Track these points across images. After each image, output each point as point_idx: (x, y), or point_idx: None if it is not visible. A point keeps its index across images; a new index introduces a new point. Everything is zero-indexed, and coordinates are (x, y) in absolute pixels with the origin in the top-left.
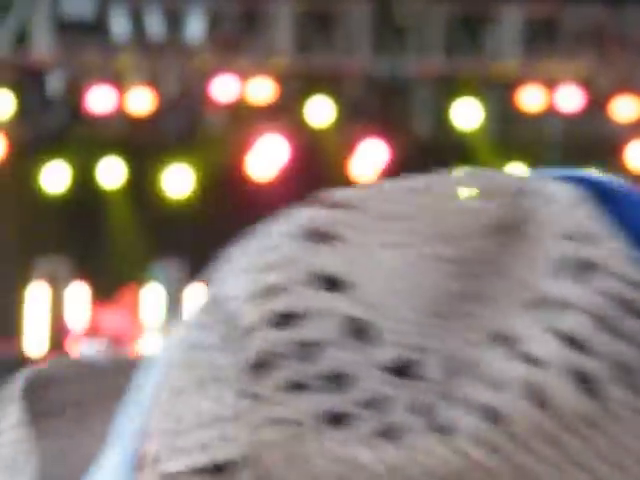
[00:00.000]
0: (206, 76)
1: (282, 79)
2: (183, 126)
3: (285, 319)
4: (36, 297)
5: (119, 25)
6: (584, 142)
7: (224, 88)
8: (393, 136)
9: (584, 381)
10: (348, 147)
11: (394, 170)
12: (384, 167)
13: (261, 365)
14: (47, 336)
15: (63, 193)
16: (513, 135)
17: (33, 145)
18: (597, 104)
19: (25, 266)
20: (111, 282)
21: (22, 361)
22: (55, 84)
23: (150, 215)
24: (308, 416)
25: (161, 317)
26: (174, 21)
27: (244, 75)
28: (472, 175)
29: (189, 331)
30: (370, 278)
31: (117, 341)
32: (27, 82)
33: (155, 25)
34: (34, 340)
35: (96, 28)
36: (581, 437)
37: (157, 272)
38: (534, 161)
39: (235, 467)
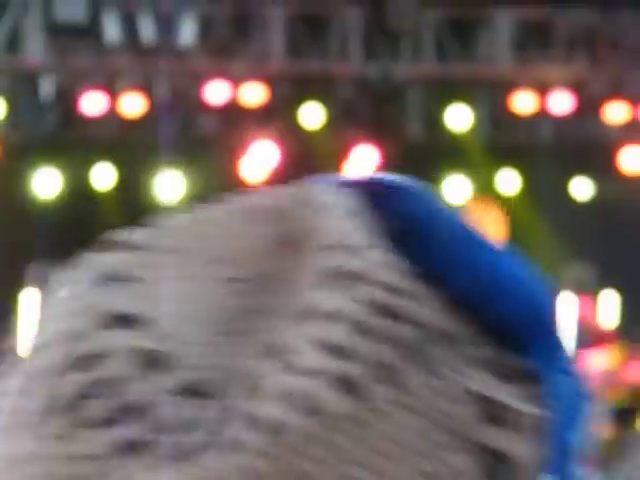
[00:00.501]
0: (198, 80)
1: (274, 83)
2: (175, 130)
3: (87, 361)
4: (28, 303)
5: (111, 29)
6: (576, 145)
7: (216, 92)
8: (385, 140)
9: (349, 385)
10: (340, 151)
11: (387, 174)
12: (376, 171)
13: (67, 406)
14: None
15: (55, 197)
16: (505, 138)
17: (25, 149)
18: (589, 107)
19: (17, 271)
20: None
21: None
22: (47, 88)
23: (141, 220)
24: (108, 448)
25: None
26: (166, 25)
27: (236, 79)
28: (251, 196)
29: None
30: (164, 311)
31: None
32: (19, 86)
33: (147, 29)
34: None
35: (89, 32)
36: (352, 436)
37: None
38: (526, 164)
39: None
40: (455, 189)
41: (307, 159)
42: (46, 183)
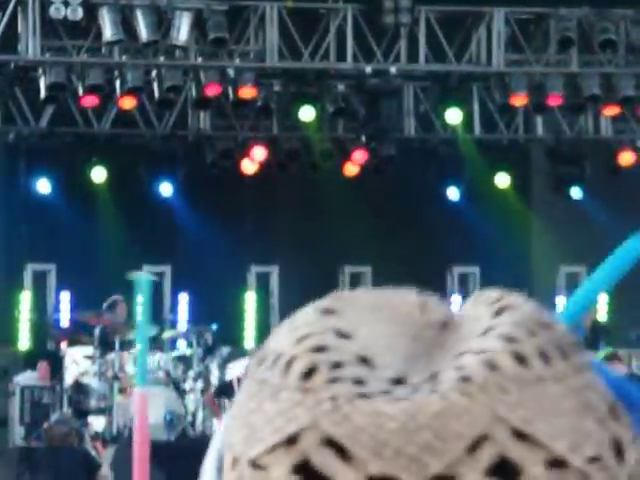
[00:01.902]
0: (193, 76)
1: (269, 81)
2: (171, 126)
3: (317, 350)
4: (24, 301)
5: (107, 26)
6: (569, 144)
7: (211, 89)
8: (380, 138)
9: (518, 358)
10: (335, 149)
11: (382, 171)
12: (371, 168)
13: (305, 375)
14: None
15: (54, 194)
16: (499, 136)
17: (21, 147)
18: (583, 106)
19: (14, 270)
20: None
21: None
22: (43, 85)
23: (137, 216)
24: (342, 394)
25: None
26: (162, 22)
27: (231, 76)
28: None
29: (248, 373)
30: (366, 336)
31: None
32: (15, 83)
33: (143, 26)
34: (23, 342)
35: (84, 29)
36: (517, 387)
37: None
38: (520, 162)
39: (301, 435)
40: (451, 185)
41: (302, 156)
42: (43, 180)
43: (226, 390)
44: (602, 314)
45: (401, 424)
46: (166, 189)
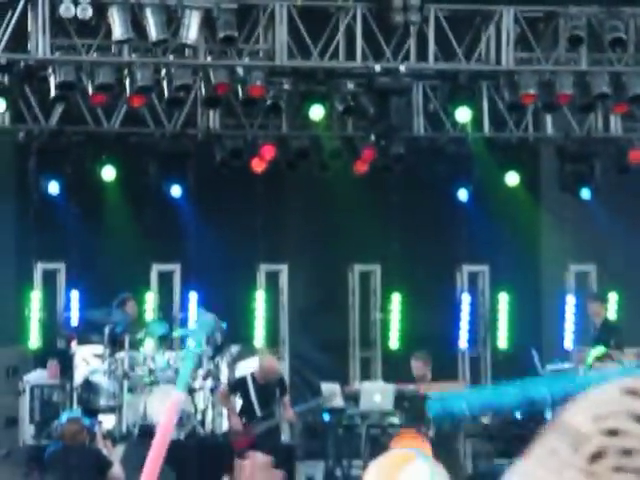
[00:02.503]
0: (203, 75)
1: (278, 79)
2: (180, 125)
3: (612, 433)
4: (34, 300)
5: (117, 25)
6: (579, 142)
7: (220, 87)
8: (390, 136)
9: None
10: (345, 147)
11: (391, 170)
12: (380, 167)
13: (594, 456)
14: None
15: (63, 193)
16: (509, 135)
17: (31, 146)
18: (593, 105)
19: (24, 269)
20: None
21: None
22: (53, 84)
23: (146, 215)
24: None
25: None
26: (171, 21)
27: (240, 75)
28: None
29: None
30: None
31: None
32: (25, 82)
33: (153, 25)
34: (33, 341)
35: (94, 28)
36: None
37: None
38: (529, 161)
39: None
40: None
41: (312, 154)
42: (52, 179)
43: (240, 386)
44: (612, 312)
45: None
46: (175, 188)
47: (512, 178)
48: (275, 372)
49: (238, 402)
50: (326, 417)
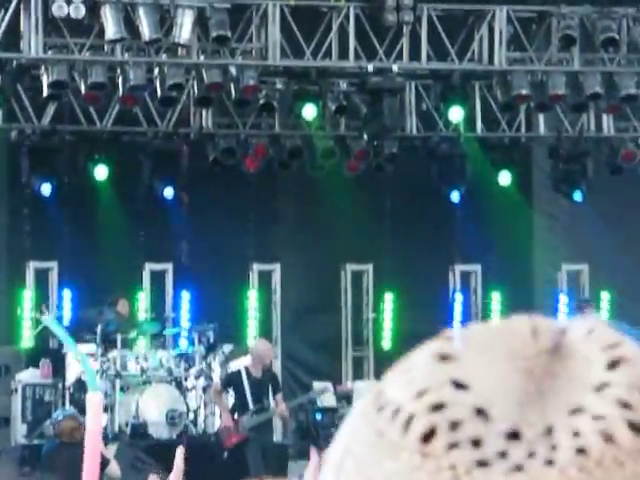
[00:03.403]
0: (195, 74)
1: (271, 79)
2: (173, 124)
3: (437, 408)
4: (26, 299)
5: (110, 24)
6: (571, 142)
7: (213, 86)
8: (382, 136)
9: (634, 428)
10: (337, 147)
11: (383, 169)
12: (373, 166)
13: (425, 437)
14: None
15: (55, 192)
16: (501, 135)
17: (24, 145)
18: (585, 105)
19: (16, 268)
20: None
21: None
22: (46, 83)
23: (139, 214)
24: (461, 463)
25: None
26: (164, 20)
27: (233, 74)
28: (528, 319)
29: (356, 418)
30: (481, 382)
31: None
32: (18, 81)
33: (145, 24)
34: (25, 340)
35: (87, 27)
36: (633, 460)
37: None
38: (521, 160)
39: None
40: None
41: (304, 153)
42: (45, 178)
43: (233, 380)
44: (604, 313)
45: None
46: (168, 187)
47: (504, 178)
48: (270, 355)
49: (230, 400)
50: (319, 416)
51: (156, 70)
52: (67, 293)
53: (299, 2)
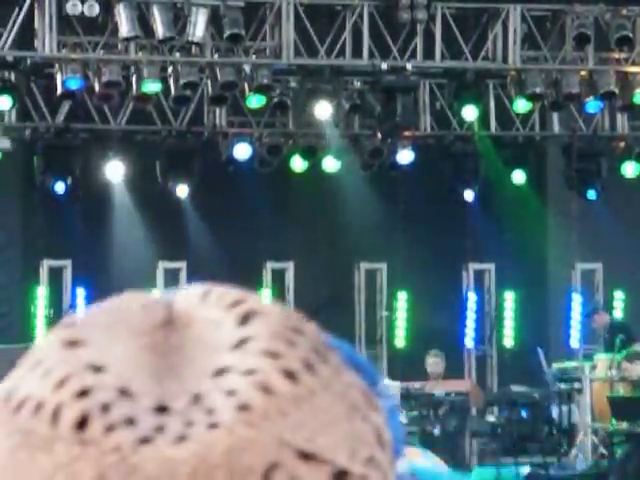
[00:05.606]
0: (209, 73)
1: (285, 77)
2: (187, 122)
3: (81, 394)
4: (40, 297)
5: (124, 22)
6: (585, 141)
7: (226, 85)
8: (396, 134)
9: (288, 375)
10: (351, 144)
11: (397, 168)
12: (387, 165)
13: (79, 425)
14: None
15: (69, 190)
16: (515, 134)
17: (38, 143)
18: (599, 103)
19: (31, 266)
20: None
21: None
22: (60, 81)
23: (152, 213)
24: (124, 443)
25: None
26: (178, 18)
27: (246, 72)
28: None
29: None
30: (116, 363)
31: None
32: (32, 79)
33: (159, 22)
34: (38, 337)
35: (101, 25)
36: (295, 407)
37: None
38: (536, 159)
39: None
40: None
41: (317, 152)
42: (59, 176)
43: None
44: (618, 312)
45: (193, 468)
46: (182, 185)
47: (518, 176)
48: None
49: None
50: None
51: (170, 69)
52: (81, 291)
53: (313, 0)
